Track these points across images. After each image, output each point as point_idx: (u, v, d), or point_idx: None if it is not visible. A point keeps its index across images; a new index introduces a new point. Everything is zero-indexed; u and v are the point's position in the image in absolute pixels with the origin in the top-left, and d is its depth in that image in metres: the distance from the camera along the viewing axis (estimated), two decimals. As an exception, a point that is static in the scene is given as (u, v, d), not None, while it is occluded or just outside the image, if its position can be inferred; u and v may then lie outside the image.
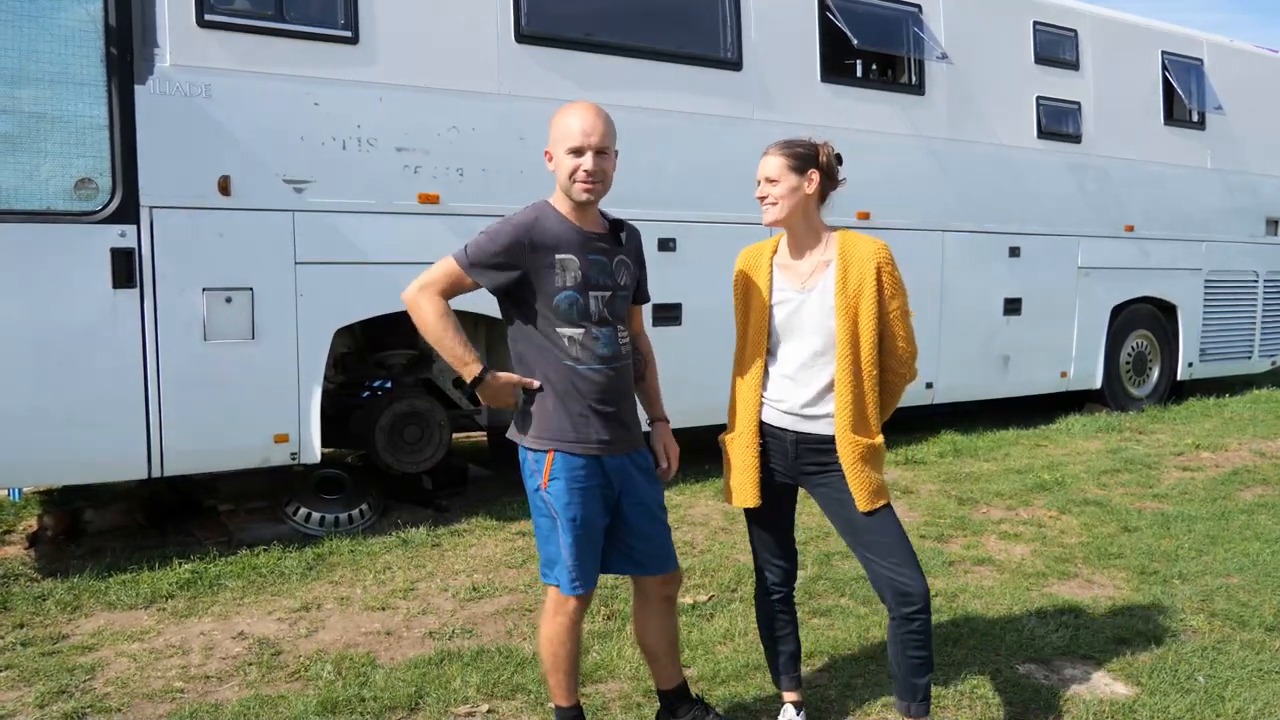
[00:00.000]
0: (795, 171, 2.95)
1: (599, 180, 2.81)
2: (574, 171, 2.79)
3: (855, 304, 2.90)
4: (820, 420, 2.98)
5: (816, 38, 7.03)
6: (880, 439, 3.01)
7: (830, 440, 2.96)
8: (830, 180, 3.02)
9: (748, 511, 3.18)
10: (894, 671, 3.03)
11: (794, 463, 3.04)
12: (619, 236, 2.96)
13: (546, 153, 2.86)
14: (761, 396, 3.04)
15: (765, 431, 3.05)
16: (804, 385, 2.98)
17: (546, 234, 2.81)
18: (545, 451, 2.86)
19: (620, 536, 2.98)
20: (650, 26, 6.36)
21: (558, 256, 2.80)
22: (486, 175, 5.66)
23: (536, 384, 2.85)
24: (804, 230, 3.01)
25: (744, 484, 3.05)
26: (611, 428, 2.89)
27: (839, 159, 3.04)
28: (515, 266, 2.80)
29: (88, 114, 4.71)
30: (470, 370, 2.85)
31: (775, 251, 3.09)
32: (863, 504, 2.94)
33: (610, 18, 6.20)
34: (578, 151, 2.78)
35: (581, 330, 2.83)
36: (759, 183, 2.99)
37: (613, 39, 6.16)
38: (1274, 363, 10.84)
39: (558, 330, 2.83)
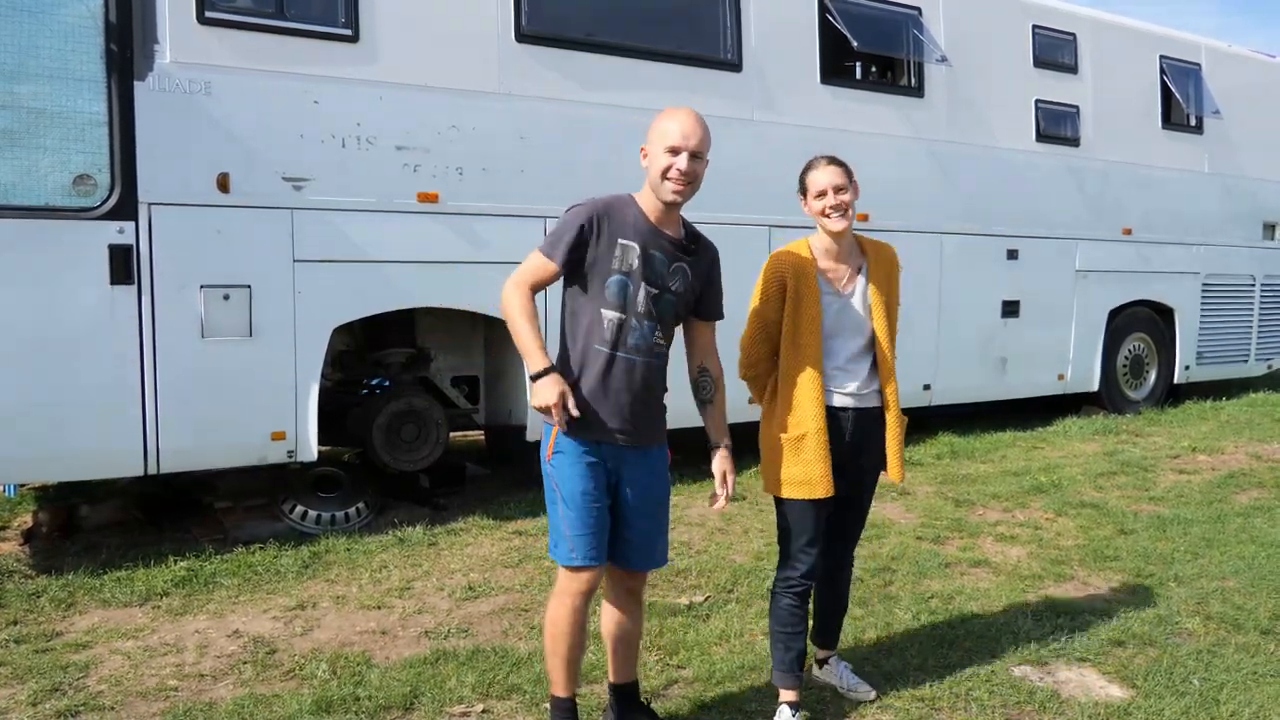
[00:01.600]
0: (853, 183, 3.26)
1: (689, 182, 2.91)
2: (668, 169, 2.88)
3: (885, 303, 3.33)
4: (867, 396, 3.36)
5: (816, 39, 7.03)
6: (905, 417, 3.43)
7: (880, 412, 3.37)
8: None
9: (802, 514, 3.29)
10: (826, 623, 3.65)
11: (848, 443, 3.30)
12: (690, 247, 3.04)
13: (642, 150, 2.97)
14: (824, 388, 3.25)
15: (829, 416, 3.25)
16: (855, 376, 3.32)
17: (618, 218, 2.93)
18: (552, 425, 2.92)
19: (617, 526, 3.03)
20: (651, 27, 6.36)
21: (621, 241, 2.91)
22: (487, 174, 5.65)
23: (576, 412, 2.86)
24: (849, 237, 3.33)
25: (820, 474, 3.21)
26: (622, 419, 2.95)
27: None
28: (580, 245, 2.90)
29: (87, 110, 4.70)
30: (534, 364, 2.88)
31: (813, 255, 3.31)
32: (896, 474, 3.37)
33: (611, 18, 6.20)
34: (675, 151, 2.88)
35: (622, 316, 2.92)
36: (823, 193, 3.21)
37: (613, 39, 6.16)
38: (1270, 366, 10.84)
39: (601, 310, 2.92)
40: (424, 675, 3.68)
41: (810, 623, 3.51)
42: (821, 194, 3.23)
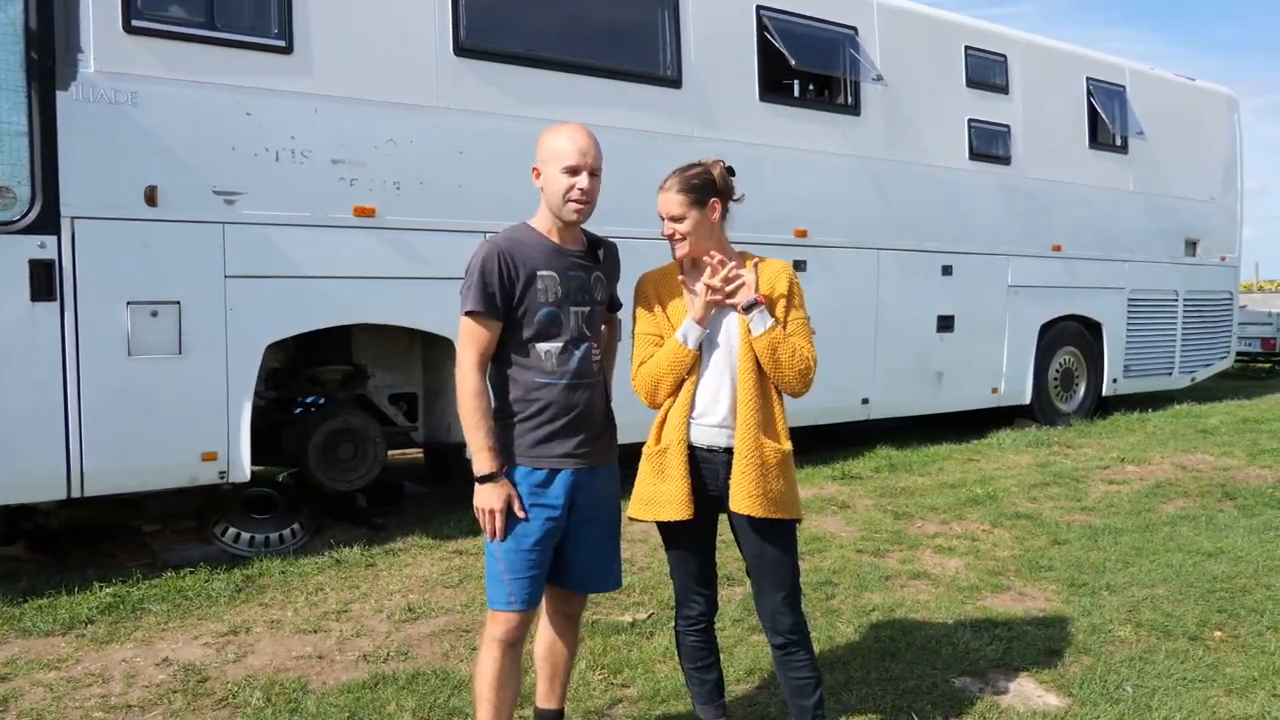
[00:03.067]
0: (697, 205, 2.95)
1: (590, 200, 2.86)
2: (569, 190, 2.81)
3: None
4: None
5: (755, 57, 7.10)
6: (788, 445, 2.98)
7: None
8: (729, 198, 3.03)
9: (672, 540, 3.07)
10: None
11: (724, 482, 2.95)
12: (597, 254, 3.00)
13: (534, 170, 2.87)
14: (689, 415, 2.97)
15: (696, 454, 2.97)
16: (727, 399, 2.96)
17: (526, 255, 2.84)
18: (501, 465, 2.84)
19: (568, 549, 2.94)
20: (591, 43, 6.37)
21: (539, 274, 2.83)
22: (425, 188, 5.59)
23: (523, 515, 2.80)
24: (722, 253, 2.99)
25: (677, 494, 2.92)
26: (578, 442, 2.89)
27: (731, 171, 3.07)
28: (505, 288, 2.80)
29: (6, 120, 4.54)
30: (482, 465, 2.78)
31: (682, 270, 3.06)
32: (755, 508, 2.89)
33: (551, 33, 6.19)
34: (574, 171, 2.81)
35: (558, 345, 2.86)
36: (662, 219, 2.98)
37: (553, 54, 6.15)
38: (1193, 379, 11.21)
39: (535, 346, 2.85)
40: (362, 701, 3.59)
41: (718, 648, 3.25)
42: (663, 219, 3.01)
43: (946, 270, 8.46)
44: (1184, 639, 4.24)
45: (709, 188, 2.98)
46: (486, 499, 2.79)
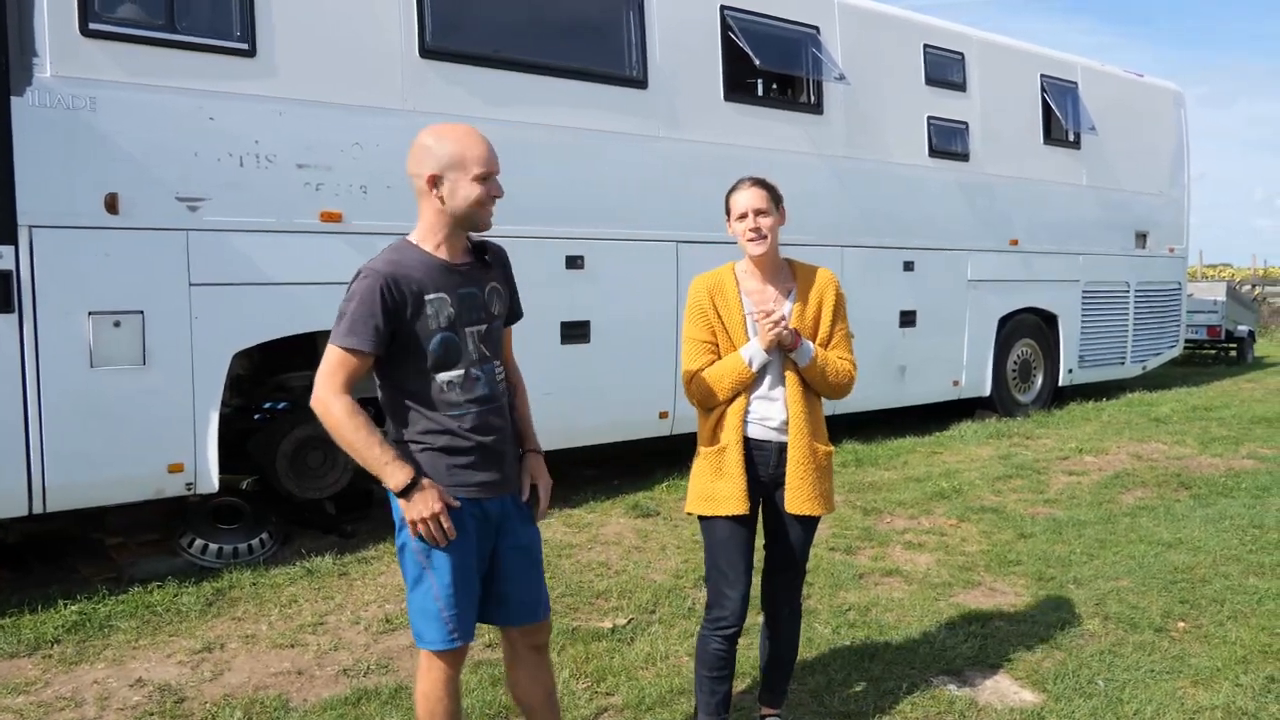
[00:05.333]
0: (777, 205, 3.15)
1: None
2: (485, 197, 2.64)
3: (813, 327, 3.17)
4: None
5: (719, 57, 7.11)
6: (830, 446, 3.26)
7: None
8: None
9: (719, 535, 3.15)
10: (768, 676, 3.43)
11: (774, 471, 3.15)
12: (485, 260, 2.79)
13: (430, 178, 2.60)
14: (746, 414, 3.13)
15: (750, 445, 3.13)
16: (776, 405, 3.15)
17: (411, 279, 2.60)
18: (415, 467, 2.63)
19: (493, 582, 2.78)
20: (557, 44, 6.33)
21: (427, 298, 2.61)
22: (391, 193, 5.51)
23: (456, 502, 2.62)
24: (775, 260, 3.20)
25: (735, 491, 3.09)
26: (493, 469, 2.72)
27: None
28: (390, 321, 2.58)
29: (-41, 128, 4.41)
30: (399, 475, 2.57)
31: (736, 280, 3.19)
32: (793, 505, 3.14)
33: (516, 34, 6.14)
34: (485, 177, 2.63)
35: (460, 372, 2.66)
36: (744, 215, 3.11)
37: (519, 55, 6.10)
38: (1145, 368, 11.48)
39: (435, 376, 2.64)
40: (346, 717, 3.56)
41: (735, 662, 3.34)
42: (742, 216, 3.13)
43: (908, 266, 8.56)
44: (1150, 631, 4.35)
45: (779, 196, 3.19)
46: (418, 509, 2.56)
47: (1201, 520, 6.08)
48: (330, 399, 2.59)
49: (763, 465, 3.16)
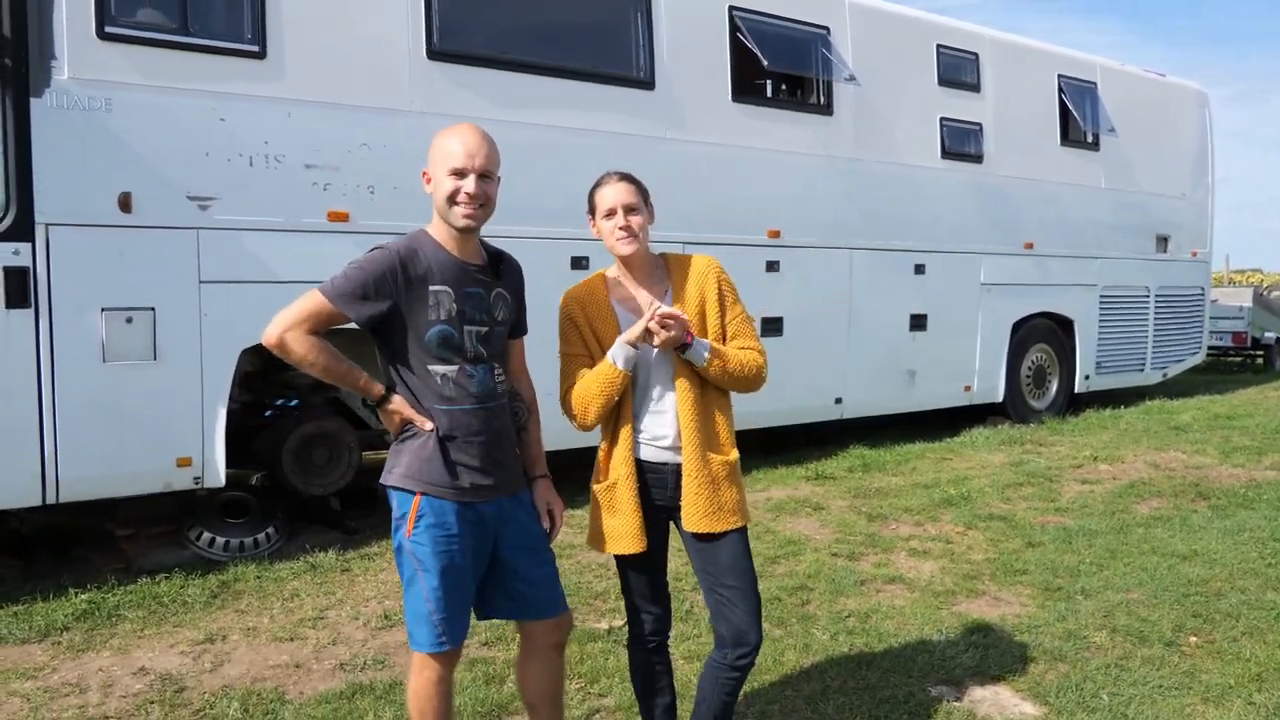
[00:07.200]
0: (645, 201, 2.89)
1: (482, 204, 2.65)
2: (454, 194, 2.62)
3: (700, 322, 2.88)
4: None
5: (727, 58, 7.12)
6: (734, 455, 2.92)
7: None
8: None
9: (624, 562, 2.98)
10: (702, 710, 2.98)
11: (672, 493, 2.88)
12: (498, 269, 2.79)
13: (424, 174, 2.69)
14: (635, 435, 2.89)
15: (645, 471, 2.89)
16: (671, 417, 2.88)
17: (420, 264, 2.63)
18: (412, 494, 2.66)
19: (501, 579, 2.79)
20: (564, 45, 6.37)
21: (431, 289, 2.63)
22: (398, 193, 5.57)
23: (430, 425, 2.65)
24: (647, 259, 2.95)
25: (629, 529, 2.85)
26: (487, 472, 2.70)
27: None
28: (385, 298, 2.60)
29: (-23, 127, 4.50)
30: (372, 389, 2.68)
31: (607, 288, 2.94)
32: (710, 525, 2.85)
33: (523, 36, 6.18)
34: (460, 173, 2.62)
35: (455, 368, 2.66)
36: (612, 212, 2.84)
37: (525, 57, 6.14)
38: (1165, 375, 11.34)
39: (429, 368, 2.65)
40: (340, 711, 3.60)
41: (671, 669, 3.18)
42: (610, 213, 2.84)
43: (919, 269, 8.52)
44: (1159, 645, 4.23)
45: (645, 189, 2.91)
46: (392, 415, 2.69)
47: (1219, 532, 5.90)
48: (285, 335, 2.58)
49: (659, 490, 2.89)
